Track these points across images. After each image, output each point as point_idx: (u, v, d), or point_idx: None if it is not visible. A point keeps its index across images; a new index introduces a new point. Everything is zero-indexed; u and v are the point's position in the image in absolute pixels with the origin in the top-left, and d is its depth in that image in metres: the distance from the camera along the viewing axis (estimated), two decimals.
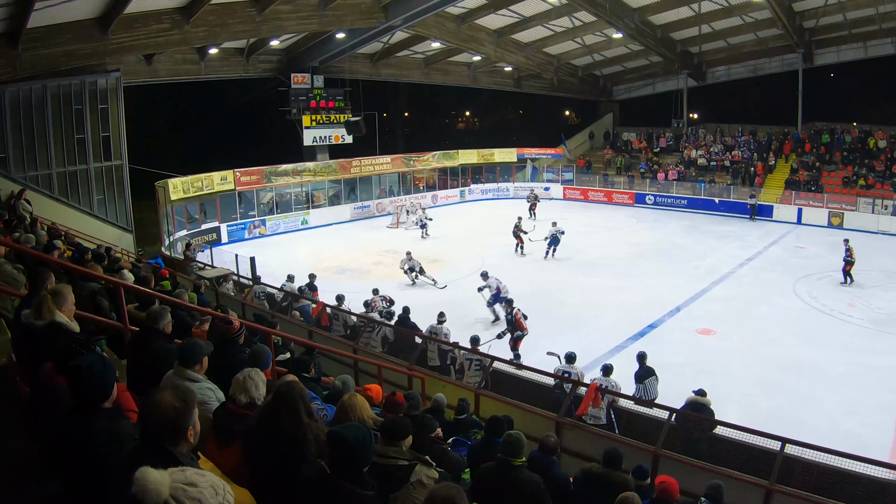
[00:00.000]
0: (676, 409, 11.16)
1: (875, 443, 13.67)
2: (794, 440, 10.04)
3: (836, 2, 39.07)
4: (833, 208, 40.64)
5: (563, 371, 13.14)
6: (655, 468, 9.84)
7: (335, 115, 41.27)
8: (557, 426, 11.15)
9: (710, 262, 30.07)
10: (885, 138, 45.66)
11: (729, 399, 15.10)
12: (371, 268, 29.00)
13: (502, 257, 30.15)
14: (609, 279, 26.78)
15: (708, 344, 20.13)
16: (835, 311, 23.36)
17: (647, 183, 48.18)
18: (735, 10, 39.89)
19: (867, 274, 27.77)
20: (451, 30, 38.47)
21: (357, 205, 42.00)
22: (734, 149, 49.27)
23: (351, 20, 32.47)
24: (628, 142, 54.53)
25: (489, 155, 50.82)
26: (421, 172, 47.35)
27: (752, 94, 54.36)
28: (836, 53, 47.56)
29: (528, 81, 52.39)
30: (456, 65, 47.79)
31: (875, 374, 17.99)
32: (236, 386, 4.93)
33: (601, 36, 43.98)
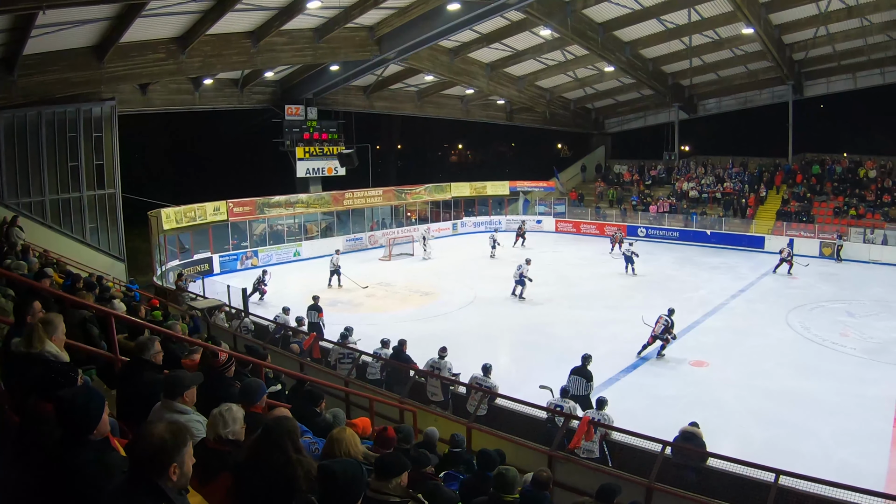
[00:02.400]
0: (669, 442, 11.11)
1: (870, 472, 13.62)
2: (789, 471, 9.96)
3: (826, 34, 39.43)
4: (825, 238, 40.84)
5: (556, 405, 13.08)
6: (649, 501, 9.79)
7: (328, 147, 41.37)
8: (550, 460, 11.08)
9: (703, 293, 30.10)
10: (875, 168, 46.00)
11: (722, 431, 15.04)
12: (363, 300, 28.88)
13: (495, 290, 30.09)
14: (601, 312, 26.77)
15: (701, 376, 20.07)
16: (827, 341, 23.37)
17: (639, 215, 48.32)
18: (725, 44, 40.23)
19: (859, 303, 27.80)
20: (445, 63, 38.71)
21: (349, 237, 41.89)
22: (725, 181, 49.48)
23: (345, 53, 32.65)
24: (620, 174, 54.78)
25: (481, 188, 50.95)
26: (413, 205, 47.34)
27: (743, 125, 54.56)
28: (826, 85, 48.05)
29: (521, 114, 52.72)
30: (449, 98, 48.06)
31: (868, 403, 17.97)
32: (213, 421, 4.88)
33: (593, 69, 44.35)
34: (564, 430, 12.07)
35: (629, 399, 17.32)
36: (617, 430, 11.97)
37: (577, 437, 11.95)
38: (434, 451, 8.67)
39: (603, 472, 10.86)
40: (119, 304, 12.72)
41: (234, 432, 4.83)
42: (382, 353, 16.72)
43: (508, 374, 18.46)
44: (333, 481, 3.88)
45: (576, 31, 34.65)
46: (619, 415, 13.04)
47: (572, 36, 34.98)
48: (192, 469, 3.70)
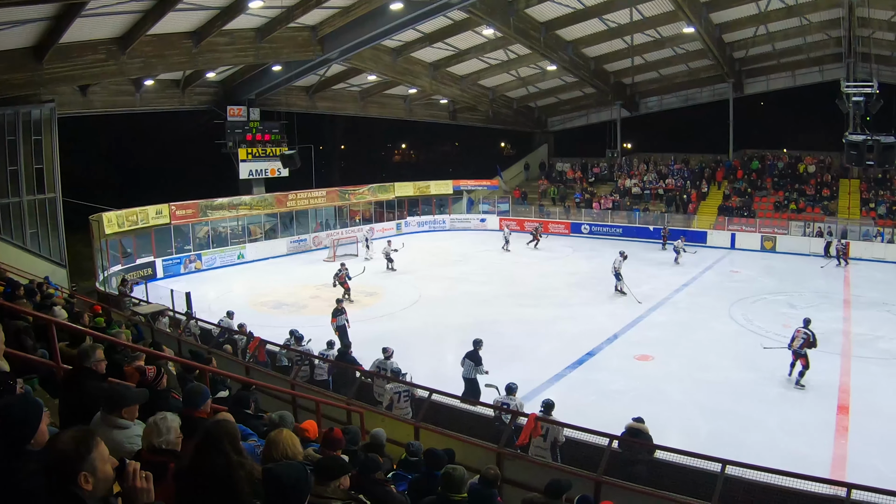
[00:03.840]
0: (616, 436, 11.17)
1: (815, 460, 13.93)
2: (735, 461, 10.09)
3: (765, 33, 40.09)
4: (765, 232, 41.52)
5: (503, 402, 13.11)
6: (598, 495, 9.83)
7: (271, 148, 41.00)
8: (498, 457, 11.10)
9: (646, 289, 30.29)
10: (814, 163, 47.03)
11: (669, 424, 15.26)
12: (308, 302, 28.66)
13: (440, 290, 30.12)
14: (547, 309, 26.86)
15: (646, 370, 20.25)
16: (770, 332, 23.66)
17: (583, 213, 48.63)
18: (667, 42, 40.63)
19: (801, 295, 28.25)
20: (387, 63, 38.59)
21: (293, 238, 41.66)
22: (667, 177, 50.01)
23: (287, 53, 32.43)
24: (563, 172, 55.10)
25: (425, 187, 50.84)
26: (357, 205, 47.10)
27: (685, 123, 55.18)
28: (766, 82, 48.85)
29: (464, 114, 52.77)
30: (392, 97, 47.94)
31: (812, 392, 18.40)
32: (146, 431, 4.81)
33: (536, 68, 44.54)
34: (512, 428, 12.10)
35: (576, 394, 17.44)
36: (564, 426, 12.01)
37: (524, 434, 11.95)
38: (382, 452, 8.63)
39: (551, 467, 10.89)
40: (60, 311, 12.53)
41: (168, 441, 4.73)
42: (328, 355, 16.68)
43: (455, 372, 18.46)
44: (277, 484, 3.85)
45: (518, 30, 34.74)
46: (566, 410, 13.09)
47: (515, 35, 35.07)
48: (111, 476, 3.65)
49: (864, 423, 16.34)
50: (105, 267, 31.41)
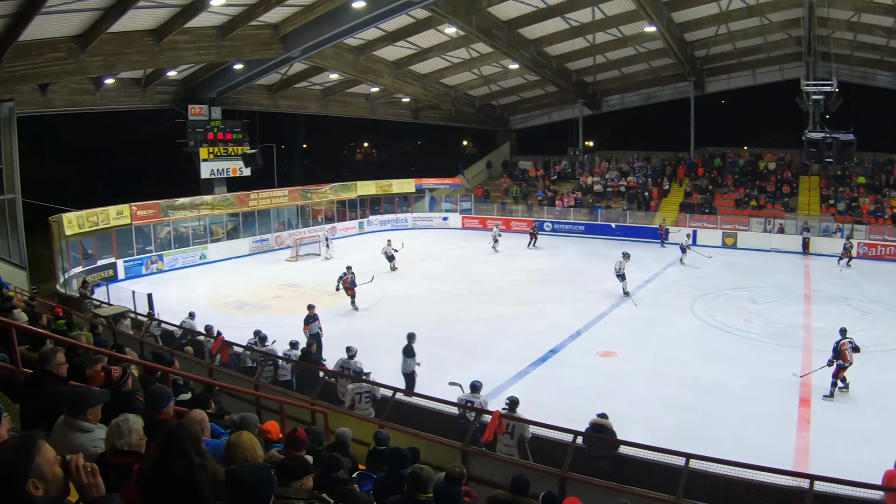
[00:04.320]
0: (580, 432, 11.23)
1: (778, 452, 14.06)
2: (698, 455, 10.20)
3: (726, 32, 40.47)
4: (727, 229, 42.00)
5: (467, 400, 13.13)
6: (563, 491, 9.88)
7: (233, 148, 40.64)
8: (463, 455, 11.12)
9: (609, 286, 30.41)
10: (774, 161, 47.59)
11: (632, 419, 15.27)
12: (271, 302, 28.52)
13: (403, 288, 30.08)
14: (510, 307, 26.92)
15: (609, 366, 20.35)
16: (732, 327, 24.08)
17: (545, 210, 48.83)
18: (629, 41, 40.89)
19: (762, 291, 28.54)
20: (350, 61, 38.45)
21: (256, 238, 41.43)
22: (629, 175, 50.34)
23: (249, 51, 32.18)
24: (525, 170, 55.33)
25: (387, 186, 50.71)
26: (319, 205, 46.88)
27: (646, 121, 55.57)
28: (727, 81, 49.43)
29: (426, 112, 52.73)
30: (354, 96, 47.76)
31: (774, 386, 18.62)
32: (109, 433, 4.76)
33: (498, 67, 44.59)
34: (477, 425, 12.13)
35: (540, 391, 17.48)
36: (529, 423, 12.05)
37: (489, 432, 11.99)
38: (347, 452, 8.61)
39: (517, 464, 10.93)
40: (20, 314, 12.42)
41: (130, 443, 4.68)
42: (292, 355, 16.63)
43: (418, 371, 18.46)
44: (240, 486, 3.84)
45: (481, 28, 34.76)
46: (530, 407, 13.15)
47: (477, 34, 35.08)
48: (62, 478, 3.62)
49: (826, 416, 16.65)
50: (66, 269, 31.04)
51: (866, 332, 23.69)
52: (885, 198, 43.26)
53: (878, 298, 28.85)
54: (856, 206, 43.12)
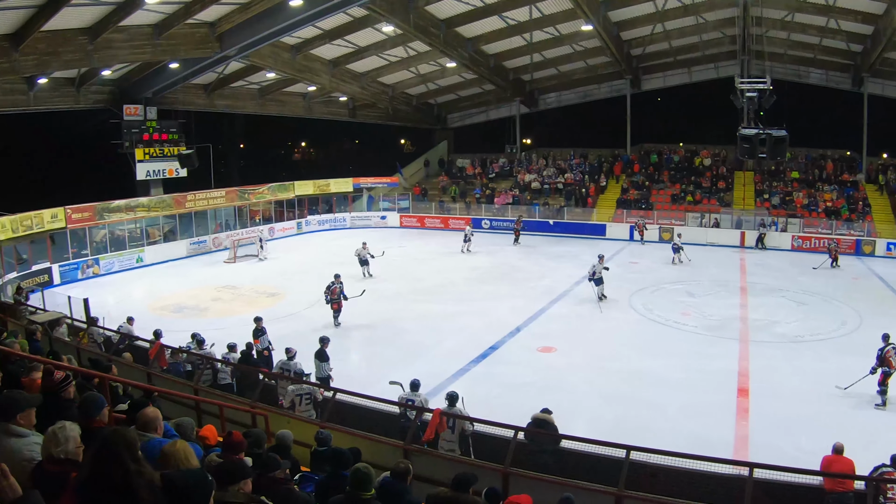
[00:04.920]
0: (521, 427, 11.26)
1: (718, 441, 14.34)
2: (638, 447, 10.29)
3: (662, 31, 40.96)
4: (663, 224, 42.48)
5: (407, 399, 13.12)
6: (506, 487, 9.90)
7: (169, 148, 40.00)
8: (406, 454, 11.08)
9: (547, 282, 30.76)
10: (709, 157, 48.39)
11: (574, 413, 15.48)
12: (209, 304, 28.13)
13: None
14: (449, 304, 26.94)
15: (550, 361, 20.46)
16: (670, 321, 24.48)
17: (483, 208, 49.00)
18: (565, 40, 41.21)
19: (698, 284, 28.94)
20: (287, 60, 38.19)
21: (193, 240, 40.88)
22: (566, 172, 50.69)
23: (185, 50, 31.73)
24: (463, 168, 55.49)
25: (325, 185, 50.32)
26: (257, 205, 46.41)
27: (583, 118, 56.10)
28: (663, 79, 50.21)
29: (364, 111, 52.53)
30: (291, 95, 47.43)
31: (712, 377, 18.96)
32: (45, 441, 4.65)
33: (435, 65, 44.68)
34: (418, 423, 12.11)
35: (481, 388, 17.51)
36: (470, 419, 12.07)
37: (430, 429, 11.97)
38: (288, 454, 8.53)
39: (459, 461, 10.93)
40: None
41: (66, 451, 4.57)
42: (230, 358, 16.47)
43: (359, 371, 18.41)
44: (177, 491, 3.78)
45: (418, 27, 34.83)
46: (472, 404, 13.15)
47: (415, 32, 35.15)
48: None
49: (764, 405, 16.99)
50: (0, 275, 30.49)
51: (801, 322, 24.54)
52: (818, 192, 44.32)
53: (813, 289, 29.61)
54: (790, 200, 44.04)
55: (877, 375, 17.30)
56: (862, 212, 42.32)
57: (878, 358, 17.45)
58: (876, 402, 17.16)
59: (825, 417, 16.06)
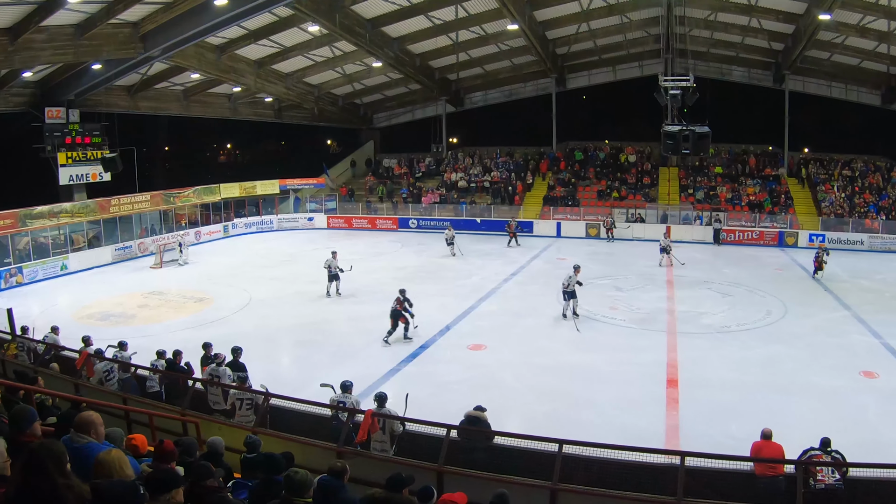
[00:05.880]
0: (453, 425, 11.28)
1: (649, 432, 14.66)
2: (571, 440, 10.41)
3: (588, 30, 41.45)
4: (590, 220, 43.09)
5: (339, 401, 13.07)
6: (441, 485, 9.92)
7: (92, 152, 39.16)
8: (338, 456, 11.03)
9: (476, 280, 30.94)
10: (634, 153, 49.03)
11: (507, 409, 15.59)
12: (136, 311, 27.44)
13: (270, 292, 29.65)
14: (378, 305, 26.68)
15: (480, 359, 20.55)
16: (598, 315, 24.83)
17: (410, 208, 49.11)
18: (491, 39, 41.48)
19: (626, 278, 29.33)
20: (211, 60, 37.70)
21: (118, 246, 40.12)
22: (493, 170, 50.99)
23: (108, 51, 31.05)
24: (389, 168, 55.51)
25: (251, 188, 49.75)
26: (182, 209, 45.74)
27: (509, 117, 56.41)
28: (588, 77, 50.81)
29: (289, 112, 52.19)
30: (216, 96, 46.88)
31: (641, 369, 19.32)
32: None
33: (361, 65, 44.55)
34: (350, 425, 12.08)
35: (413, 388, 17.41)
36: (401, 419, 12.07)
37: (362, 431, 11.94)
38: (220, 461, 8.44)
39: (392, 461, 10.91)
40: None
41: None
42: (158, 365, 16.21)
43: (289, 374, 18.31)
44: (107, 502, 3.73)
45: (344, 27, 34.70)
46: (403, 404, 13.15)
47: (340, 32, 35.02)
48: None
49: (693, 394, 17.35)
50: None
51: (727, 313, 25.15)
52: (742, 186, 45.20)
53: (738, 281, 30.36)
54: (714, 194, 44.88)
55: None
56: (784, 205, 43.36)
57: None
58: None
59: (753, 404, 16.45)
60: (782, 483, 10.45)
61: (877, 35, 35.84)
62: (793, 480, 9.91)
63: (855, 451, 11.29)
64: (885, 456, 11.95)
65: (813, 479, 10.17)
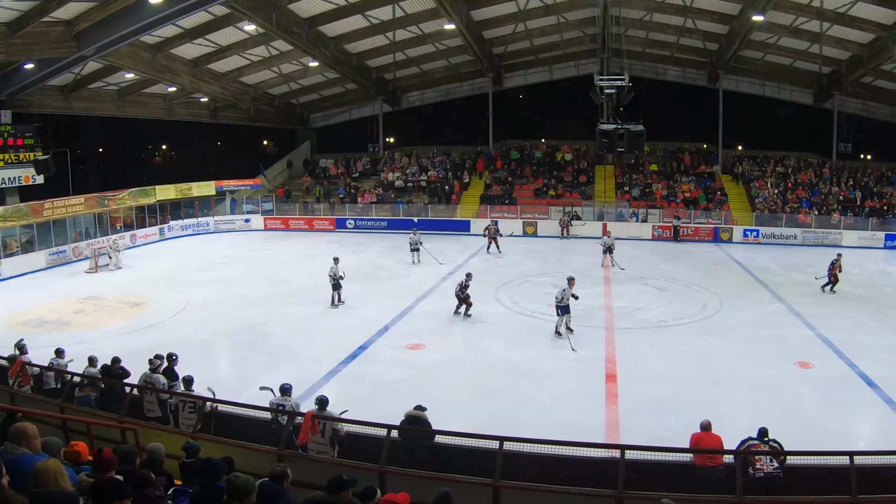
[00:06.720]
0: (393, 426, 11.28)
1: (589, 427, 14.81)
2: (511, 437, 10.54)
3: (524, 29, 41.74)
4: (527, 218, 43.43)
5: (278, 404, 13.00)
6: (384, 486, 9.92)
7: (24, 154, 38.42)
8: (280, 459, 10.98)
9: (413, 279, 31.03)
10: (570, 152, 49.45)
11: (447, 408, 15.58)
12: (72, 317, 26.78)
13: (207, 294, 29.33)
14: (315, 306, 26.71)
15: (419, 358, 20.60)
16: (536, 312, 25.07)
17: (347, 208, 49.09)
18: (428, 38, 41.61)
19: (563, 276, 29.54)
20: (146, 60, 37.09)
21: (52, 250, 39.30)
22: (430, 169, 51.16)
23: (41, 50, 30.39)
24: (326, 168, 55.48)
25: (187, 189, 49.07)
26: (117, 211, 45.00)
27: (446, 116, 56.67)
28: (524, 76, 51.26)
29: (225, 112, 51.70)
30: (151, 96, 46.21)
31: (581, 365, 19.56)
32: None
33: (298, 64, 44.33)
34: (290, 428, 12.02)
35: (352, 389, 17.51)
36: (341, 421, 12.04)
37: (303, 433, 11.90)
38: (161, 468, 8.34)
39: (334, 463, 10.91)
40: None
41: None
42: (90, 373, 15.93)
43: (228, 378, 18.18)
44: None
45: (280, 26, 34.51)
46: (344, 405, 13.12)
47: (277, 31, 34.82)
48: None
49: (632, 388, 17.60)
50: None
51: (664, 308, 25.59)
52: (676, 183, 45.85)
53: (674, 276, 30.94)
54: (649, 191, 45.51)
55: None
56: (719, 201, 44.04)
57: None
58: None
59: (691, 397, 16.77)
60: (722, 473, 10.65)
61: (809, 36, 36.71)
62: (732, 470, 10.12)
63: (792, 440, 11.60)
64: (821, 443, 12.41)
65: (752, 468, 10.38)
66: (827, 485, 10.06)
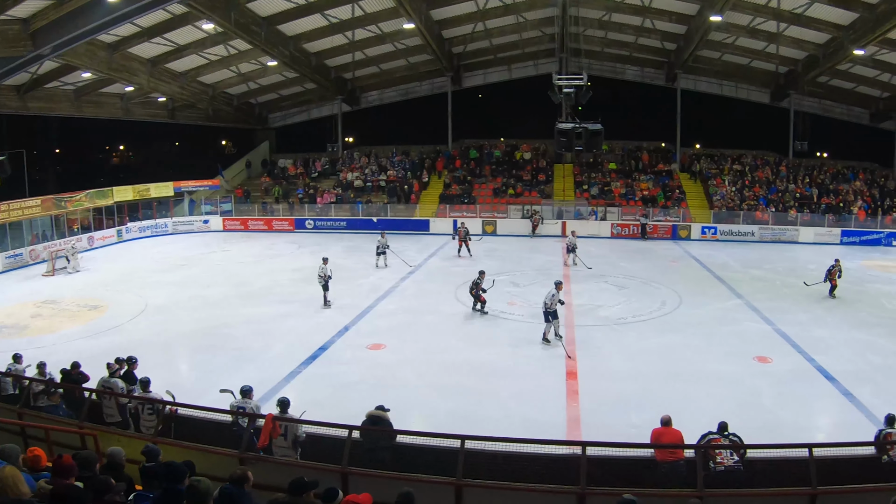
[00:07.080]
0: (354, 426, 11.27)
1: (551, 424, 14.94)
2: (473, 435, 10.54)
3: (484, 29, 41.84)
4: (486, 217, 43.61)
5: (238, 406, 12.92)
6: (346, 486, 9.91)
7: None
8: (241, 462, 10.93)
9: (373, 279, 31.05)
10: (529, 151, 49.73)
11: (408, 408, 15.59)
12: (29, 322, 26.26)
13: (166, 297, 29.06)
14: (275, 307, 26.62)
15: (380, 358, 20.58)
16: (496, 310, 25.08)
17: (306, 208, 48.99)
18: (387, 38, 41.65)
19: (523, 274, 29.69)
20: (103, 59, 36.63)
21: (8, 253, 38.84)
22: (389, 169, 51.16)
23: None
24: (285, 168, 55.32)
25: (145, 190, 48.51)
26: (74, 213, 44.51)
27: (405, 115, 56.73)
28: (483, 76, 51.50)
29: (183, 112, 51.30)
30: (108, 96, 45.74)
31: (540, 362, 19.75)
32: None
33: (256, 64, 44.15)
34: (251, 431, 11.97)
35: (313, 390, 17.47)
36: (302, 422, 12.01)
37: (264, 435, 11.86)
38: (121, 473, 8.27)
39: (296, 465, 10.90)
40: None
41: None
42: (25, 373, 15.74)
43: (187, 381, 18.06)
44: None
45: (239, 25, 34.34)
46: (305, 406, 13.07)
47: (235, 30, 34.65)
48: None
49: (593, 385, 17.75)
50: None
51: (624, 305, 25.83)
52: (635, 181, 46.22)
53: (633, 274, 31.27)
54: (608, 190, 45.82)
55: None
56: (677, 199, 44.43)
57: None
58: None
59: (651, 393, 16.95)
60: (683, 467, 10.75)
61: (766, 36, 37.21)
62: (693, 464, 10.15)
63: (751, 433, 11.78)
64: (780, 436, 12.52)
65: (712, 462, 10.50)
66: (787, 477, 10.17)
